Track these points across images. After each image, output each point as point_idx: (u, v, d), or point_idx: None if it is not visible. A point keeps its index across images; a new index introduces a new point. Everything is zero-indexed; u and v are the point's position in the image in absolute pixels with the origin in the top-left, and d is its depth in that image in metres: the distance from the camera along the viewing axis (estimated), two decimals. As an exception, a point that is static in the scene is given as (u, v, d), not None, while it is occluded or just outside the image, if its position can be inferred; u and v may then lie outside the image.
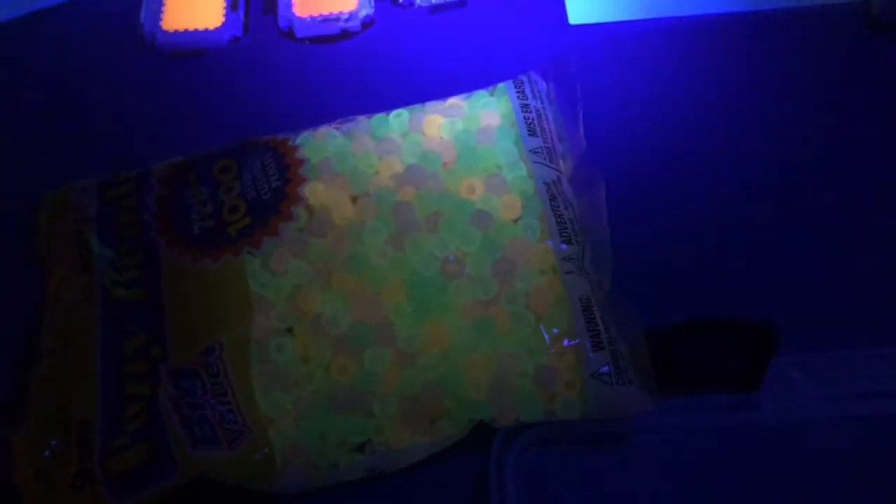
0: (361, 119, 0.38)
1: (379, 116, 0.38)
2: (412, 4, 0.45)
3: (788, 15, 0.43)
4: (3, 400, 0.34)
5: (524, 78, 0.39)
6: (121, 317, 0.34)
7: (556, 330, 0.32)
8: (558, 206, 0.35)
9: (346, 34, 0.44)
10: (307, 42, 0.44)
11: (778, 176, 0.38)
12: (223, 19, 0.45)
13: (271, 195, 0.36)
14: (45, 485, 0.30)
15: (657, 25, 0.44)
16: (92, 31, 0.45)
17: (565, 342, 0.32)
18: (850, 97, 0.41)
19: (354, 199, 0.36)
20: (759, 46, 0.43)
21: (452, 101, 0.38)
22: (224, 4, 0.45)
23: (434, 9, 0.45)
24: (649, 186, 0.38)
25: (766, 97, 0.41)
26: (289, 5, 0.45)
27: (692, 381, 0.32)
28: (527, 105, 0.38)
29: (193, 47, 0.44)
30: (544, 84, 0.39)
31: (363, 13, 0.44)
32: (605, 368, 0.31)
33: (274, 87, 0.43)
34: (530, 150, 0.36)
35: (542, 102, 0.38)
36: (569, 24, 0.44)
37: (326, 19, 0.44)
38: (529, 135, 0.37)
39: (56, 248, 0.37)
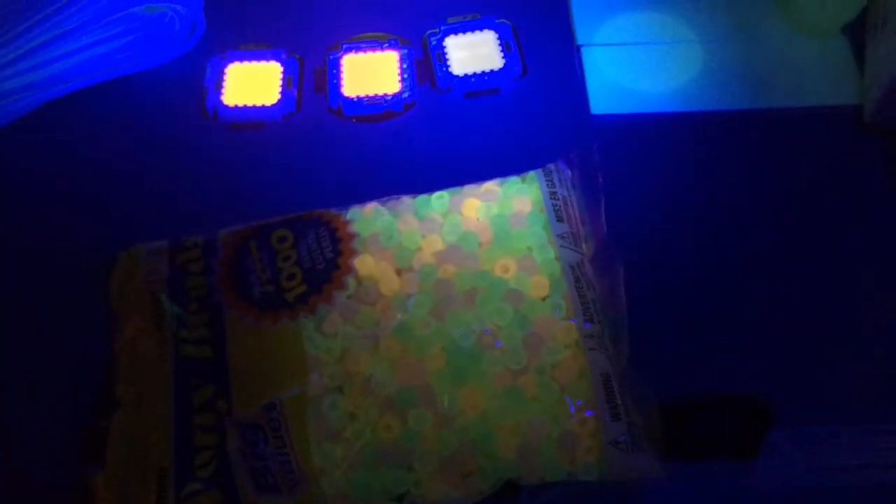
0: (406, 198, 0.43)
1: (422, 197, 0.42)
2: (449, 90, 0.50)
3: (790, 114, 0.48)
4: (83, 443, 0.38)
5: (552, 167, 0.43)
6: (190, 371, 0.38)
7: (579, 401, 0.36)
8: (582, 287, 0.39)
9: (389, 114, 0.49)
10: (354, 120, 0.49)
11: (780, 265, 0.43)
12: (279, 96, 0.49)
13: (325, 265, 0.40)
14: (125, 523, 0.34)
15: (671, 119, 0.48)
16: (158, 101, 0.50)
17: (587, 412, 0.36)
18: (843, 193, 0.45)
19: (399, 273, 0.40)
20: (762, 142, 0.47)
21: (488, 185, 0.43)
22: (280, 83, 0.50)
23: (469, 94, 0.50)
24: (663, 270, 0.42)
25: (769, 189, 0.46)
26: (338, 86, 0.49)
27: (697, 450, 0.36)
28: (555, 193, 0.42)
29: (251, 121, 0.49)
30: (569, 172, 0.44)
31: (405, 96, 0.49)
32: (622, 437, 0.35)
33: (323, 160, 0.48)
34: (557, 235, 0.41)
35: (568, 190, 0.43)
36: (591, 114, 0.49)
37: (372, 100, 0.49)
38: (557, 220, 0.41)
39: (129, 305, 0.41)
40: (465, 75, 0.50)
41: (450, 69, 0.50)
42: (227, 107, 0.49)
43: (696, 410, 0.37)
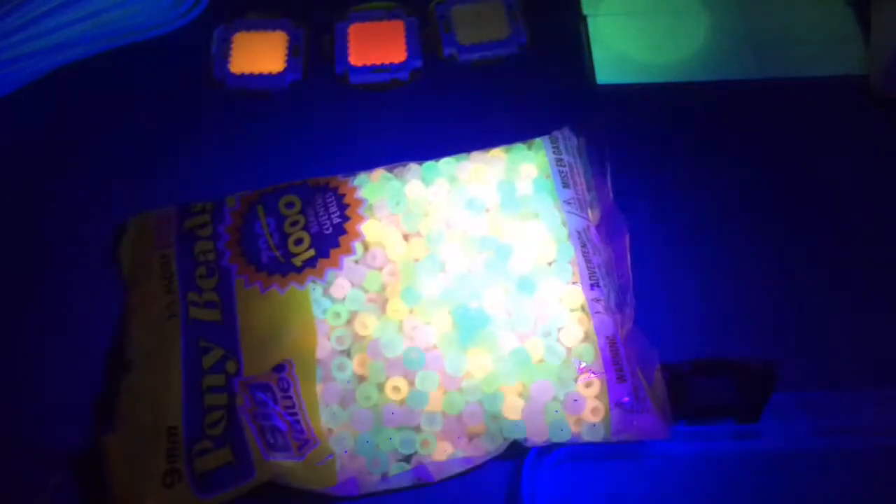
0: (413, 165, 0.43)
1: (429, 163, 0.43)
2: (455, 59, 0.50)
3: (796, 84, 0.48)
4: (95, 403, 0.38)
5: (559, 134, 0.44)
6: (199, 334, 0.38)
7: (585, 363, 0.37)
8: (588, 252, 0.39)
9: (395, 83, 0.49)
10: (360, 88, 0.49)
11: (785, 233, 0.43)
12: (285, 64, 0.49)
13: (333, 230, 0.41)
14: (136, 482, 0.35)
15: (676, 89, 0.48)
16: (165, 69, 0.50)
17: (593, 374, 0.36)
18: (849, 163, 0.46)
19: (406, 238, 0.41)
20: (767, 111, 0.48)
21: (495, 152, 0.43)
22: (286, 50, 0.50)
23: (475, 63, 0.50)
24: (668, 236, 0.43)
25: (774, 158, 0.46)
26: (345, 54, 0.49)
27: (701, 412, 0.37)
28: (561, 159, 0.42)
29: (258, 88, 0.49)
30: (575, 139, 0.44)
31: (412, 65, 0.49)
32: (627, 398, 0.36)
33: (329, 128, 0.48)
34: (564, 201, 0.41)
35: (574, 157, 0.43)
36: (597, 83, 0.49)
37: (378, 68, 0.49)
38: (563, 186, 0.41)
39: (140, 268, 0.41)
40: (472, 44, 0.50)
41: (456, 38, 0.50)
42: (233, 75, 0.49)
43: (701, 373, 0.37)
